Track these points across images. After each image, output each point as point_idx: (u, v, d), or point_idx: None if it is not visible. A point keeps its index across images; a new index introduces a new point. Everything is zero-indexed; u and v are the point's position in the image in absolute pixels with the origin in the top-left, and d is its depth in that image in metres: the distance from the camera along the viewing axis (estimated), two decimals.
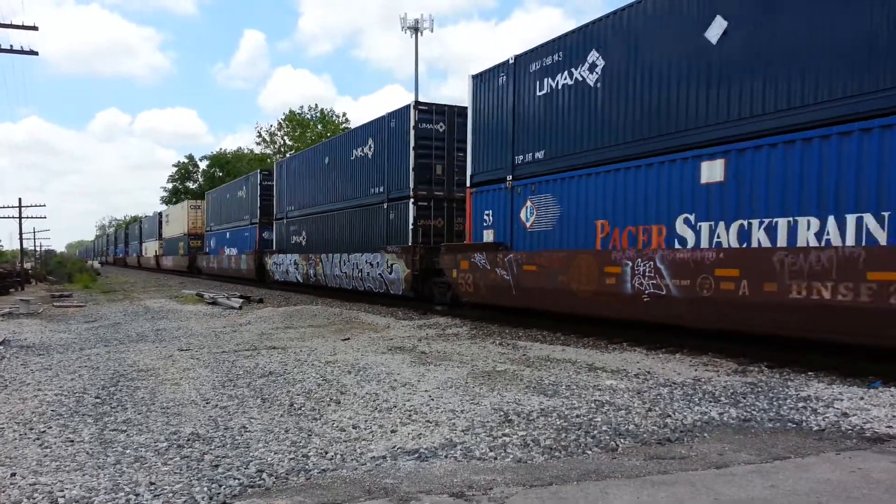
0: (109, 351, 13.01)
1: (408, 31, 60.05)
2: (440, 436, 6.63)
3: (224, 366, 10.92)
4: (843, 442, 6.34)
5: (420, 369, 10.27)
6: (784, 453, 5.97)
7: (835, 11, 9.53)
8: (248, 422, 7.32)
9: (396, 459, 5.95)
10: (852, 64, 9.29)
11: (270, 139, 77.38)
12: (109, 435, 6.90)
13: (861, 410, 7.31)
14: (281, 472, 5.67)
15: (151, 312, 21.62)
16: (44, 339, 15.06)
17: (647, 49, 12.40)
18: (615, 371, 10.14)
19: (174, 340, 14.63)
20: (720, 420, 7.18)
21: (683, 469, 5.55)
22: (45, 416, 7.75)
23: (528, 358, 11.45)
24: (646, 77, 12.40)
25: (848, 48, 9.34)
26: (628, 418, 7.21)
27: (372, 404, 8.04)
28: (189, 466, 5.83)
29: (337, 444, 6.46)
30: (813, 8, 9.80)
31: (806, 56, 9.84)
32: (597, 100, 13.53)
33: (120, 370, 10.68)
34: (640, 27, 12.60)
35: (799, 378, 9.45)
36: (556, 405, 7.79)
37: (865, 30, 9.16)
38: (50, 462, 6.02)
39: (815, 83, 9.75)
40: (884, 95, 8.96)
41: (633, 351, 12.25)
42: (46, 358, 12.25)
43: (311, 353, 12.10)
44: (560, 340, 13.88)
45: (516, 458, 5.95)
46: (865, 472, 5.38)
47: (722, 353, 11.44)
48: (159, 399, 8.55)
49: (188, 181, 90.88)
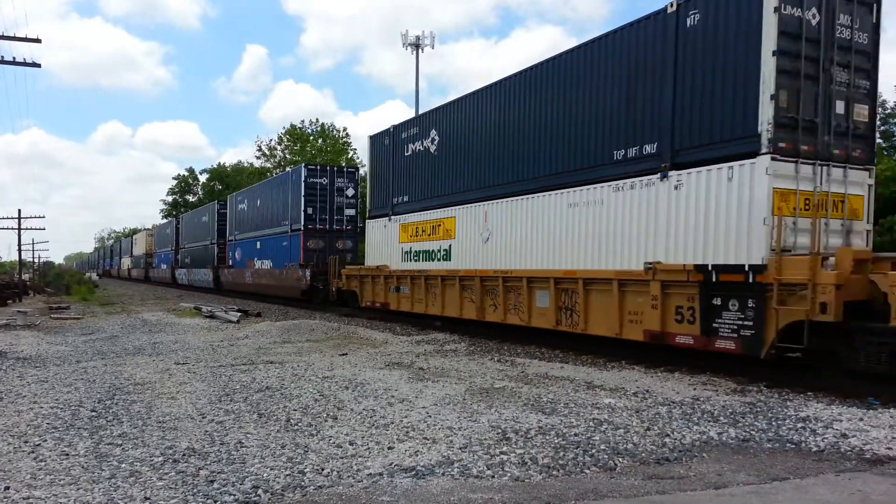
0: (106, 364, 12.96)
1: (409, 48, 60.35)
2: (437, 453, 6.60)
3: (221, 380, 10.88)
4: (842, 463, 6.31)
5: (418, 385, 10.23)
6: (783, 474, 5.94)
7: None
8: (245, 437, 7.28)
9: (393, 477, 5.92)
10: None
11: (270, 153, 77.54)
12: (105, 449, 6.86)
13: (860, 431, 7.29)
14: (277, 488, 5.63)
15: (149, 325, 21.56)
16: (40, 352, 15.01)
17: (460, 132, 18.30)
18: (614, 389, 10.11)
19: (171, 354, 14.57)
20: (719, 440, 7.15)
21: (682, 489, 5.52)
22: (40, 428, 7.71)
23: (526, 375, 11.41)
24: (459, 150, 18.30)
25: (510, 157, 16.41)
26: (627, 437, 7.18)
27: (369, 420, 8.00)
28: (184, 481, 5.79)
29: (333, 460, 6.43)
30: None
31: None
32: (435, 163, 19.44)
33: (116, 383, 10.63)
34: (457, 118, 18.52)
35: (798, 398, 9.42)
36: (555, 423, 7.76)
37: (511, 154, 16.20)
38: (44, 476, 5.98)
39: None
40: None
41: (631, 369, 12.21)
42: (43, 370, 12.20)
43: (309, 368, 12.06)
44: (559, 358, 13.84)
45: (514, 476, 5.92)
46: (865, 494, 5.35)
47: (721, 373, 11.40)
48: (155, 413, 8.51)
49: (188, 194, 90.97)
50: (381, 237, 22.37)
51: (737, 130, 10.77)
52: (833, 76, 10.83)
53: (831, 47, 10.78)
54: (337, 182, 29.50)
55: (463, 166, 18.05)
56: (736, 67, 10.80)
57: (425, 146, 19.81)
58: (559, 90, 14.53)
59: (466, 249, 17.79)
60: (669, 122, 11.94)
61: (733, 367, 11.41)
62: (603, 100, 13.35)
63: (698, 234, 11.30)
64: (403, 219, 21.02)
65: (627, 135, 12.77)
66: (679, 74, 11.75)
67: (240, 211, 38.63)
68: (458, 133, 18.36)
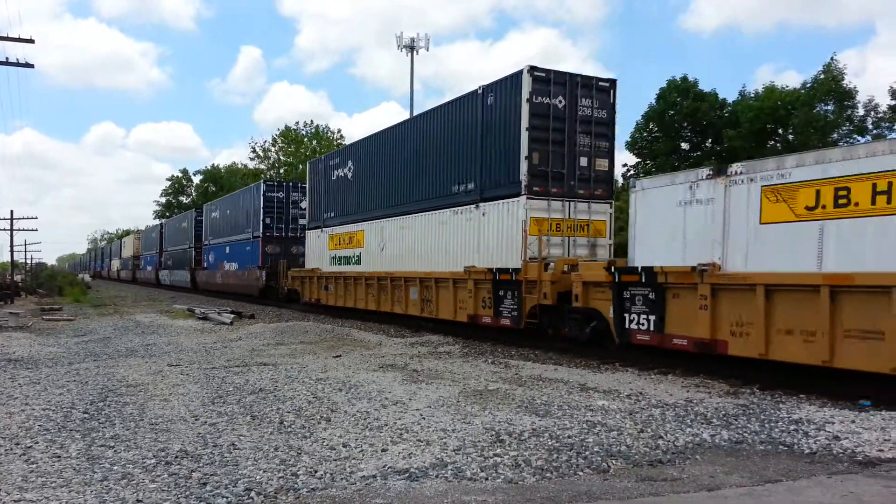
0: (98, 366, 12.90)
1: (404, 50, 60.35)
2: (431, 455, 6.59)
3: (214, 382, 10.85)
4: (834, 465, 6.33)
5: (411, 387, 10.22)
6: (776, 476, 5.95)
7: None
8: (238, 439, 7.26)
9: (386, 479, 5.91)
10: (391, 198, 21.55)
11: (264, 154, 77.42)
12: (97, 451, 6.82)
13: (852, 433, 7.31)
14: (270, 490, 5.62)
15: (142, 327, 21.48)
16: (32, 353, 14.93)
17: (365, 165, 23.37)
18: (607, 391, 10.12)
19: (164, 356, 14.52)
20: (712, 442, 7.17)
21: (675, 491, 5.53)
22: (31, 430, 7.67)
23: (520, 377, 11.41)
24: (365, 179, 23.39)
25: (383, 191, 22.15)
26: (620, 439, 7.19)
27: (363, 422, 7.99)
28: (177, 484, 5.77)
29: (327, 462, 6.41)
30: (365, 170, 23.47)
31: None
32: (351, 187, 24.55)
33: (109, 385, 10.58)
34: (363, 153, 23.69)
35: (791, 400, 9.45)
36: (548, 425, 7.76)
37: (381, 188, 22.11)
38: (36, 478, 5.95)
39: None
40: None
41: (625, 371, 12.23)
42: (35, 372, 12.14)
43: (302, 370, 12.03)
44: (552, 360, 13.85)
45: (507, 478, 5.92)
46: (857, 495, 5.37)
47: (714, 375, 11.44)
48: (148, 415, 8.47)
49: (182, 195, 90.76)
50: (316, 245, 27.50)
51: (511, 178, 15.73)
52: (577, 141, 15.83)
53: (575, 122, 15.75)
54: (292, 196, 34.03)
55: (368, 191, 23.22)
56: (509, 136, 15.74)
57: (345, 173, 25.01)
58: (418, 142, 20.05)
59: (371, 256, 22.75)
60: (479, 169, 17.03)
61: (726, 370, 11.45)
62: (443, 150, 18.66)
63: (494, 247, 16.39)
64: (331, 230, 25.99)
65: (458, 176, 17.92)
66: (484, 137, 16.79)
67: (213, 218, 43.13)
68: (364, 165, 23.61)
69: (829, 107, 38.14)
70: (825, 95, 37.68)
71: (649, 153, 45.47)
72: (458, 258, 17.66)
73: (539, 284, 14.43)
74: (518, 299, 15.30)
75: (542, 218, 15.39)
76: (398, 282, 20.51)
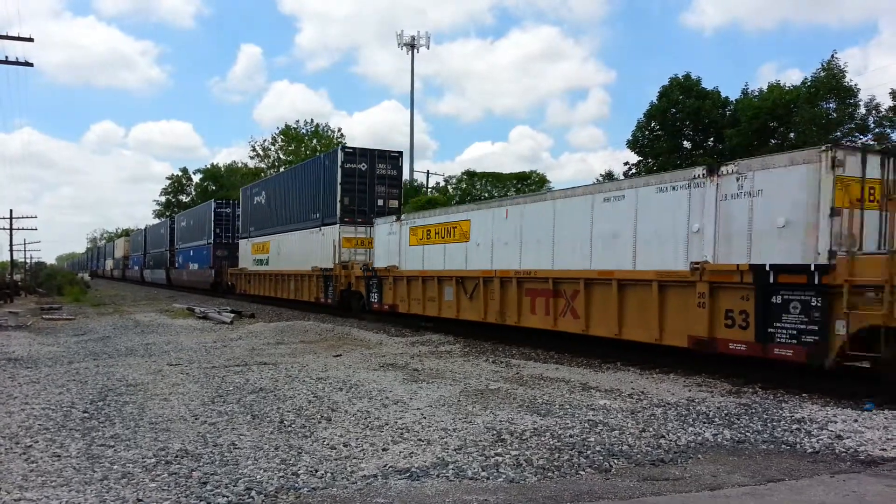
0: (98, 365, 12.88)
1: (404, 48, 60.37)
2: (432, 455, 6.57)
3: (214, 381, 10.83)
4: (837, 464, 6.31)
5: (412, 387, 10.20)
6: (778, 475, 5.93)
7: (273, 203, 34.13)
8: (238, 438, 7.24)
9: (387, 478, 5.88)
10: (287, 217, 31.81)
11: (264, 153, 77.35)
12: (97, 450, 6.80)
13: (855, 433, 7.29)
14: (270, 490, 5.59)
15: (141, 326, 21.47)
16: (32, 352, 14.91)
17: (268, 196, 34.46)
18: (609, 391, 10.10)
19: (164, 355, 14.50)
20: (714, 441, 7.14)
21: (677, 491, 5.51)
22: (31, 430, 7.65)
23: (521, 376, 11.39)
24: (269, 205, 34.11)
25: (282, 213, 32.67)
26: (622, 439, 7.17)
27: (363, 422, 7.96)
28: (177, 483, 5.74)
29: (327, 462, 6.39)
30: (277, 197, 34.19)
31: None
32: (263, 210, 35.09)
33: (108, 384, 10.56)
34: (267, 187, 35.45)
35: (793, 399, 9.43)
36: (550, 424, 7.74)
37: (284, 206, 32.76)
38: (36, 477, 5.92)
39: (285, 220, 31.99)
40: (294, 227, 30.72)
41: (626, 371, 12.21)
42: (34, 371, 12.12)
43: (303, 370, 12.01)
44: (554, 359, 13.83)
45: (509, 478, 5.89)
46: (859, 495, 5.34)
47: (716, 374, 11.42)
48: (148, 414, 8.45)
49: (181, 194, 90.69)
50: (244, 250, 38.19)
51: (333, 213, 25.56)
52: (375, 189, 25.66)
53: (373, 177, 25.62)
54: (237, 211, 42.43)
55: (272, 214, 33.59)
56: (333, 187, 25.59)
57: (259, 200, 36.02)
58: (293, 184, 31.15)
59: (273, 259, 33.01)
60: (322, 205, 26.76)
61: (728, 369, 11.43)
62: (305, 191, 29.08)
63: (330, 257, 25.19)
64: (253, 240, 36.49)
65: (312, 209, 27.87)
66: (322, 186, 26.80)
67: (181, 227, 52.69)
68: (270, 196, 34.41)
69: (832, 104, 38.11)
70: (827, 93, 37.66)
71: (651, 151, 45.47)
72: (311, 261, 27.33)
73: (337, 278, 24.76)
74: (333, 287, 25.16)
75: (351, 237, 25.31)
76: (286, 277, 30.50)
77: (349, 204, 24.91)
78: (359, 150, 25.68)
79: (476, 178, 60.85)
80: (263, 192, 35.09)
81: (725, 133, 41.20)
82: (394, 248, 21.66)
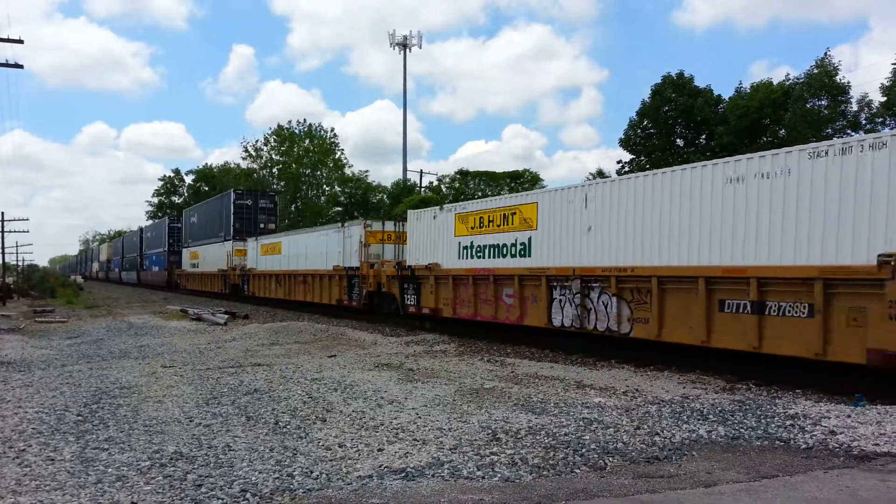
0: (92, 368, 12.83)
1: (396, 48, 60.32)
2: (427, 454, 6.57)
3: (208, 383, 10.80)
4: (830, 460, 6.33)
5: (407, 386, 10.20)
6: (772, 472, 5.95)
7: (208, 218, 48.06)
8: (233, 440, 7.22)
9: (383, 479, 5.88)
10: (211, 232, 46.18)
11: (257, 154, 77.23)
12: (91, 453, 6.77)
13: (848, 428, 7.32)
14: (265, 491, 5.58)
15: (135, 328, 21.39)
16: (25, 356, 14.84)
17: (197, 218, 50.21)
18: (603, 388, 10.12)
19: (157, 357, 14.45)
20: (709, 438, 7.17)
21: (672, 488, 5.52)
22: (25, 433, 7.61)
23: (516, 375, 11.40)
24: (199, 225, 49.09)
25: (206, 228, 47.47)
26: (617, 436, 7.18)
27: (358, 422, 7.95)
28: (172, 486, 5.73)
29: (322, 463, 6.38)
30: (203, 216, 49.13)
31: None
32: (197, 227, 50.06)
33: (102, 387, 10.52)
34: (199, 211, 51.06)
35: (786, 396, 9.47)
36: (545, 423, 7.75)
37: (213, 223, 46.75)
38: (30, 481, 5.90)
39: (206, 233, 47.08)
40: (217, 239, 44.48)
41: (621, 368, 12.24)
42: (27, 374, 12.06)
43: (297, 370, 11.99)
44: (548, 357, 13.85)
45: (504, 477, 5.90)
46: (853, 490, 5.37)
47: (710, 371, 11.46)
48: (142, 417, 8.42)
49: (174, 195, 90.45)
50: (186, 256, 49.94)
51: (228, 232, 40.68)
52: (258, 214, 41.43)
53: (257, 209, 41.95)
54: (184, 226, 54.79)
55: (200, 230, 46.60)
56: (229, 216, 40.80)
57: (194, 220, 49.21)
58: (210, 211, 45.65)
59: (201, 263, 45.10)
60: (226, 227, 41.20)
61: (722, 366, 11.46)
62: (216, 216, 43.41)
63: (224, 263, 39.87)
64: (191, 249, 48.54)
65: (220, 229, 42.09)
66: (227, 213, 41.15)
67: (147, 236, 65.79)
68: (199, 217, 48.01)
69: (823, 101, 38.24)
70: (819, 91, 37.79)
71: (643, 149, 45.56)
72: (218, 264, 40.33)
73: (229, 277, 37.85)
74: (226, 282, 38.45)
75: (239, 250, 37.89)
76: (208, 275, 42.86)
77: (239, 227, 39.87)
78: (245, 191, 43.55)
79: (469, 177, 60.86)
80: (197, 215, 49.07)
81: (716, 131, 41.31)
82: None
